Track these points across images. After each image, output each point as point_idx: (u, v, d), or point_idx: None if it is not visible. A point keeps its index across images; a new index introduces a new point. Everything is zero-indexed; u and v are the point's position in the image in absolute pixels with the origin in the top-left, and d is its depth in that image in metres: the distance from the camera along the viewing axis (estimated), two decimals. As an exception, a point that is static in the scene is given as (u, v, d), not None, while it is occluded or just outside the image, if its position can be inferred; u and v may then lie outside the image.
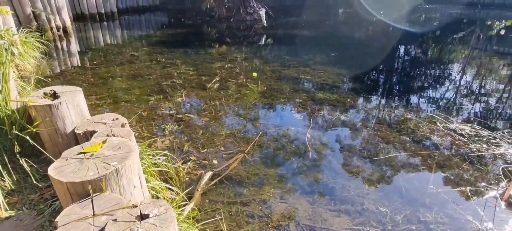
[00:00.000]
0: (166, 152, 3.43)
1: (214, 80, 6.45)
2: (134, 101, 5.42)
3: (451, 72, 8.04)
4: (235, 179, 3.57)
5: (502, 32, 15.38)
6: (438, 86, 6.96)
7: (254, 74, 6.80)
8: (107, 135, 1.92)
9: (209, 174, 3.51)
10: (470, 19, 17.68)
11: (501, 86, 7.03)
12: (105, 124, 2.13)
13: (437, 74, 7.93)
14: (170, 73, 6.94)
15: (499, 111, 5.54)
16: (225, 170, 3.68)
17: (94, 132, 2.00)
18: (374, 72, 7.88)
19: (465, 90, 6.65)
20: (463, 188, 3.38)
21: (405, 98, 6.04)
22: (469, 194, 3.28)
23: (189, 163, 3.73)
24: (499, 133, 4.37)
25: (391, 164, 3.86)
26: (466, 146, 4.13)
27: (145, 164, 2.91)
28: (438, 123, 4.75)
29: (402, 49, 10.87)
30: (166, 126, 4.59)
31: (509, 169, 3.62)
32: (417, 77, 7.67)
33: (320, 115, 5.11)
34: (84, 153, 1.66)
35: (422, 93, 6.37)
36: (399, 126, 4.80)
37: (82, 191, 1.46)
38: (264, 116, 5.08)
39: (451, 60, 9.36)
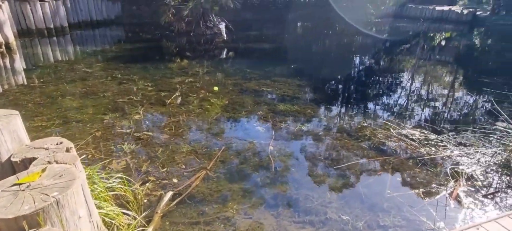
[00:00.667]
0: (120, 174, 3.22)
1: (174, 96, 6.27)
2: (86, 121, 5.08)
3: (401, 80, 8.61)
4: (197, 197, 3.45)
5: (443, 43, 16.95)
6: (390, 94, 7.40)
7: (216, 88, 6.73)
8: (48, 162, 1.75)
9: (169, 194, 3.35)
10: (415, 32, 19.24)
11: (445, 92, 7.66)
12: (47, 149, 1.94)
13: (389, 82, 8.44)
14: (127, 90, 6.64)
15: (444, 115, 6.01)
16: (187, 188, 3.55)
17: (34, 159, 1.81)
18: (331, 82, 8.19)
19: (414, 97, 7.13)
20: (416, 190, 3.57)
21: (361, 107, 6.33)
22: (422, 196, 3.47)
23: (148, 184, 3.54)
24: (445, 136, 4.71)
25: (351, 171, 3.98)
26: (417, 150, 4.39)
27: (97, 189, 2.70)
28: (391, 129, 5.01)
29: (356, 60, 11.46)
30: (122, 145, 4.34)
31: (456, 169, 3.90)
32: (371, 86, 8.10)
33: (282, 126, 5.17)
34: (19, 184, 1.48)
35: (376, 101, 6.72)
36: (357, 134, 4.99)
37: (16, 228, 1.29)
38: (226, 130, 5.01)
39: (401, 69, 10.04)
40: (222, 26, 13.69)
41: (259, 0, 25.11)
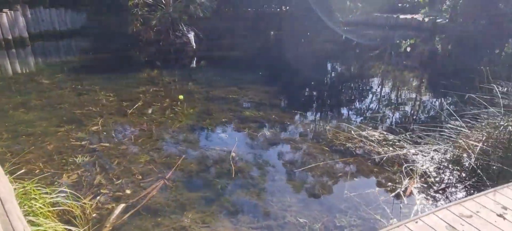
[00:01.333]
0: (63, 188, 3.04)
1: (136, 106, 6.08)
2: (38, 134, 4.79)
3: (366, 84, 8.88)
4: (153, 208, 3.31)
5: (408, 49, 17.81)
6: (354, 98, 7.60)
7: (181, 96, 6.61)
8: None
9: (121, 207, 3.20)
10: (382, 39, 20.08)
11: (406, 95, 7.97)
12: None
13: (354, 87, 8.68)
14: (87, 101, 6.37)
15: (403, 116, 6.24)
16: (143, 199, 3.41)
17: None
18: (297, 88, 8.30)
19: (377, 100, 7.36)
20: (373, 189, 3.64)
21: (325, 111, 6.44)
22: (378, 194, 3.54)
23: (99, 197, 3.37)
24: (403, 136, 4.87)
25: (312, 174, 4.00)
26: (376, 150, 4.50)
27: (35, 205, 2.51)
28: (353, 131, 5.12)
29: (325, 66, 11.72)
30: (75, 158, 4.12)
31: (411, 167, 4.02)
32: (336, 91, 8.29)
33: (246, 133, 5.13)
34: None
35: (340, 105, 6.87)
36: (320, 137, 5.05)
37: None
38: (189, 138, 4.91)
39: (366, 74, 10.38)
40: (191, 35, 13.59)
41: (231, 10, 25.34)
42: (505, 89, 4.19)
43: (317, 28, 22.50)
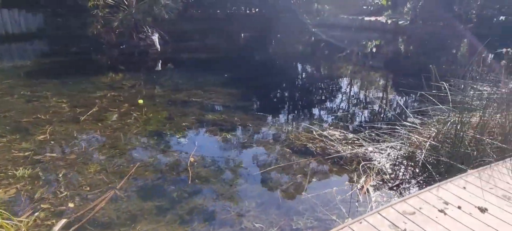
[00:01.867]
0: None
1: (91, 112, 5.74)
2: (-25, 146, 4.36)
3: (331, 85, 9.03)
4: (101, 222, 3.09)
5: (374, 50, 18.51)
6: (318, 97, 7.69)
7: (141, 101, 6.34)
8: None
9: (62, 222, 2.94)
10: (349, 40, 20.66)
11: (367, 93, 8.19)
12: None
13: (318, 87, 8.80)
14: (36, 108, 5.92)
15: (363, 115, 6.38)
16: (89, 213, 3.17)
17: None
18: (262, 89, 8.26)
19: (339, 99, 7.49)
20: (331, 189, 3.63)
21: (288, 111, 6.44)
22: (335, 194, 3.54)
23: (37, 213, 3.08)
24: (362, 134, 4.95)
25: (271, 177, 3.93)
26: (335, 149, 4.53)
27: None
28: (314, 131, 5.14)
29: (293, 68, 11.82)
30: (16, 170, 3.77)
31: (368, 165, 4.08)
32: (302, 92, 8.35)
33: (206, 137, 4.99)
34: None
35: (303, 105, 6.91)
36: (281, 138, 5.01)
37: None
38: (145, 144, 4.68)
39: (335, 75, 10.57)
40: (155, 37, 13.18)
41: (199, 11, 25.01)
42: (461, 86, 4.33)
43: (286, 30, 22.75)
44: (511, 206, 2.19)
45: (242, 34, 21.52)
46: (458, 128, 3.49)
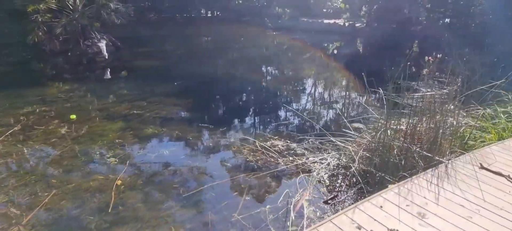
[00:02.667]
0: None
1: (10, 131, 5.12)
2: None
3: (284, 91, 8.96)
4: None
5: (335, 51, 18.99)
6: (269, 106, 7.56)
7: (73, 116, 5.80)
8: None
9: None
10: (311, 43, 20.96)
11: (322, 100, 8.21)
12: None
13: (273, 95, 8.68)
14: None
15: (311, 123, 6.31)
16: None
17: None
18: (213, 99, 7.99)
19: (291, 108, 7.38)
20: (264, 208, 3.45)
21: (235, 123, 6.21)
22: (268, 213, 3.36)
23: None
24: (305, 143, 4.85)
25: (203, 198, 3.67)
26: (276, 161, 4.37)
27: None
28: (257, 143, 4.95)
29: (248, 73, 11.58)
30: None
31: (307, 176, 3.96)
32: (253, 100, 8.19)
33: (140, 155, 4.62)
34: None
35: (252, 115, 6.74)
36: (223, 152, 4.78)
37: None
38: (68, 167, 4.22)
39: (291, 80, 10.54)
40: (102, 44, 12.41)
41: (160, 15, 24.12)
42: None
43: (247, 33, 22.65)
44: (424, 226, 2.12)
45: (201, 39, 21.05)
46: (386, 136, 3.46)
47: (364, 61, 14.81)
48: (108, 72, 10.65)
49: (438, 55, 4.39)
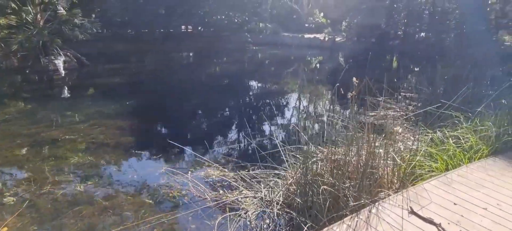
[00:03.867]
0: None
1: None
2: None
3: (243, 110, 8.47)
4: None
5: (318, 65, 18.87)
6: (225, 128, 7.04)
7: (-8, 144, 5.17)
8: None
9: None
10: (295, 57, 20.78)
11: (288, 118, 7.73)
12: None
13: (231, 114, 8.18)
14: None
15: (264, 145, 5.80)
16: None
17: None
18: (162, 120, 7.37)
19: (246, 129, 6.85)
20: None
21: (174, 149, 5.56)
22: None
23: None
24: (247, 171, 4.31)
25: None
26: (204, 197, 3.83)
27: None
28: (190, 172, 4.41)
29: (213, 90, 11.06)
30: None
31: (232, 217, 3.42)
32: (206, 120, 7.65)
33: (52, 191, 4.00)
34: None
35: (201, 138, 6.11)
36: (149, 185, 4.22)
37: None
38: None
39: (256, 98, 10.09)
40: (59, 61, 11.75)
41: (134, 31, 23.68)
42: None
43: (225, 49, 22.33)
44: None
45: (177, 54, 20.50)
46: (317, 167, 2.98)
47: (338, 76, 14.49)
48: (57, 92, 10.00)
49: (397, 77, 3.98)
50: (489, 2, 17.55)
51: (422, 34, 20.02)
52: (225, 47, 22.38)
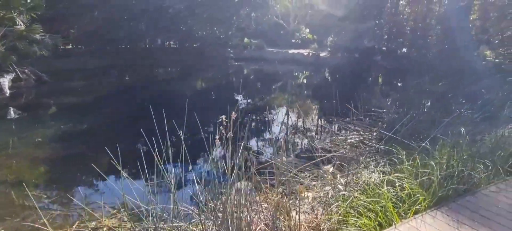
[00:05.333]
0: None
1: None
2: None
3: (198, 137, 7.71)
4: None
5: (305, 80, 18.43)
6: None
7: None
8: None
9: None
10: (281, 73, 20.27)
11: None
12: None
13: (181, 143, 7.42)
14: None
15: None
16: None
17: None
18: (93, 151, 6.33)
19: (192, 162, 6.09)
20: None
21: (85, 190, 4.78)
22: None
23: None
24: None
25: None
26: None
27: None
28: (105, 218, 3.63)
29: (178, 110, 10.26)
30: None
31: None
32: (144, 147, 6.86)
33: None
34: None
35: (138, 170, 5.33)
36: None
37: None
38: None
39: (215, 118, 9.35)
40: (5, 80, 10.92)
41: (111, 47, 22.84)
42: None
43: (205, 64, 21.76)
44: None
45: (151, 70, 19.71)
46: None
47: (315, 94, 13.95)
48: (11, 111, 9.18)
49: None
50: (471, 18, 17.32)
51: (404, 49, 19.70)
52: (205, 63, 21.83)
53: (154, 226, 2.72)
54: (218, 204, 2.77)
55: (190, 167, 3.82)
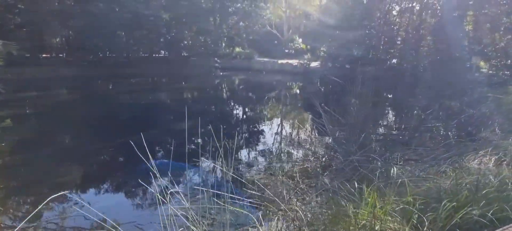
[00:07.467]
0: None
1: None
2: None
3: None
4: None
5: (297, 91, 17.60)
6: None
7: None
8: None
9: None
10: (274, 84, 19.43)
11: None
12: None
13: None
14: None
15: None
16: None
17: None
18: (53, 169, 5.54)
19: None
20: None
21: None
22: None
23: None
24: None
25: None
26: None
27: None
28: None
29: (144, 125, 9.33)
30: None
31: None
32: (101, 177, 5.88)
33: None
34: None
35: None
36: None
37: None
38: None
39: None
40: None
41: (93, 56, 21.93)
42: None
43: (189, 74, 20.94)
44: None
45: (128, 80, 18.73)
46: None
47: (295, 107, 12.99)
48: None
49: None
50: (464, 28, 16.47)
51: (394, 60, 18.84)
52: (188, 73, 21.02)
53: None
54: None
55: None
